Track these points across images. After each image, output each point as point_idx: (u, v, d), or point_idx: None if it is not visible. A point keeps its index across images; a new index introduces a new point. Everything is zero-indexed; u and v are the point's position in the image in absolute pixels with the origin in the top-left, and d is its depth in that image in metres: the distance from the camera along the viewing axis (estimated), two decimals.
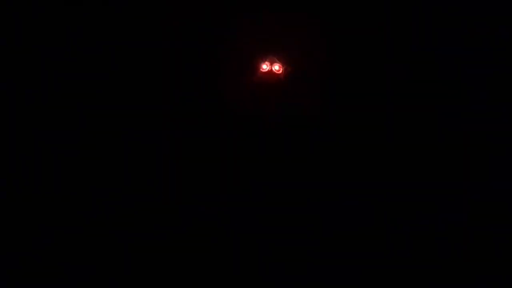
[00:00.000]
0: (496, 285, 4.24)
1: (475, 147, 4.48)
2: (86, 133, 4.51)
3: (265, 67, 4.68)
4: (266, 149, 4.63)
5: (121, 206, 4.42)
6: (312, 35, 4.68)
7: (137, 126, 4.55)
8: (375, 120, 4.59)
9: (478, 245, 4.34)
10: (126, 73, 4.57)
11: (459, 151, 4.50)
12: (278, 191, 4.54)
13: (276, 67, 4.68)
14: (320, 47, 4.69)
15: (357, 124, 4.62)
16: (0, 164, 4.40)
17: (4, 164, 4.40)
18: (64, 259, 4.29)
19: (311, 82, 4.69)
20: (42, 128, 4.45)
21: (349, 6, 4.64)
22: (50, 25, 4.51)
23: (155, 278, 4.31)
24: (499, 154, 4.45)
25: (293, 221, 4.47)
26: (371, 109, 4.61)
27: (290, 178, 4.58)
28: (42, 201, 4.38)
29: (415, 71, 4.59)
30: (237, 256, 4.38)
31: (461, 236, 4.37)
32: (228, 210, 4.49)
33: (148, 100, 4.58)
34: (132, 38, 4.58)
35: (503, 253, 4.30)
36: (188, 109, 4.62)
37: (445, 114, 4.54)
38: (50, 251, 4.30)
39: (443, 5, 4.58)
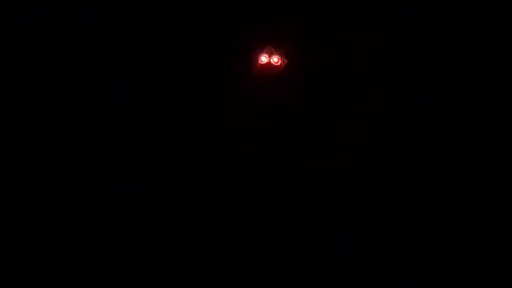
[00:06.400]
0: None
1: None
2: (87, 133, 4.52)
3: (263, 59, 4.63)
4: (265, 140, 4.62)
5: (122, 206, 4.44)
6: (310, 26, 4.63)
7: (137, 124, 4.53)
8: (373, 110, 4.58)
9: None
10: (126, 72, 4.53)
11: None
12: (277, 185, 4.54)
13: (275, 59, 4.63)
14: (319, 38, 4.64)
15: (356, 115, 4.60)
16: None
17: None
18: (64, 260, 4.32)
19: (310, 73, 4.65)
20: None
21: None
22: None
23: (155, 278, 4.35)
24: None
25: (293, 219, 4.49)
26: (370, 99, 4.59)
27: (289, 170, 4.57)
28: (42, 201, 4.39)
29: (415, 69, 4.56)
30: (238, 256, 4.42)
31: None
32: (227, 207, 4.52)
33: (147, 97, 4.55)
34: (131, 37, 4.53)
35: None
36: (187, 104, 4.59)
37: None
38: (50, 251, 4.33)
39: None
